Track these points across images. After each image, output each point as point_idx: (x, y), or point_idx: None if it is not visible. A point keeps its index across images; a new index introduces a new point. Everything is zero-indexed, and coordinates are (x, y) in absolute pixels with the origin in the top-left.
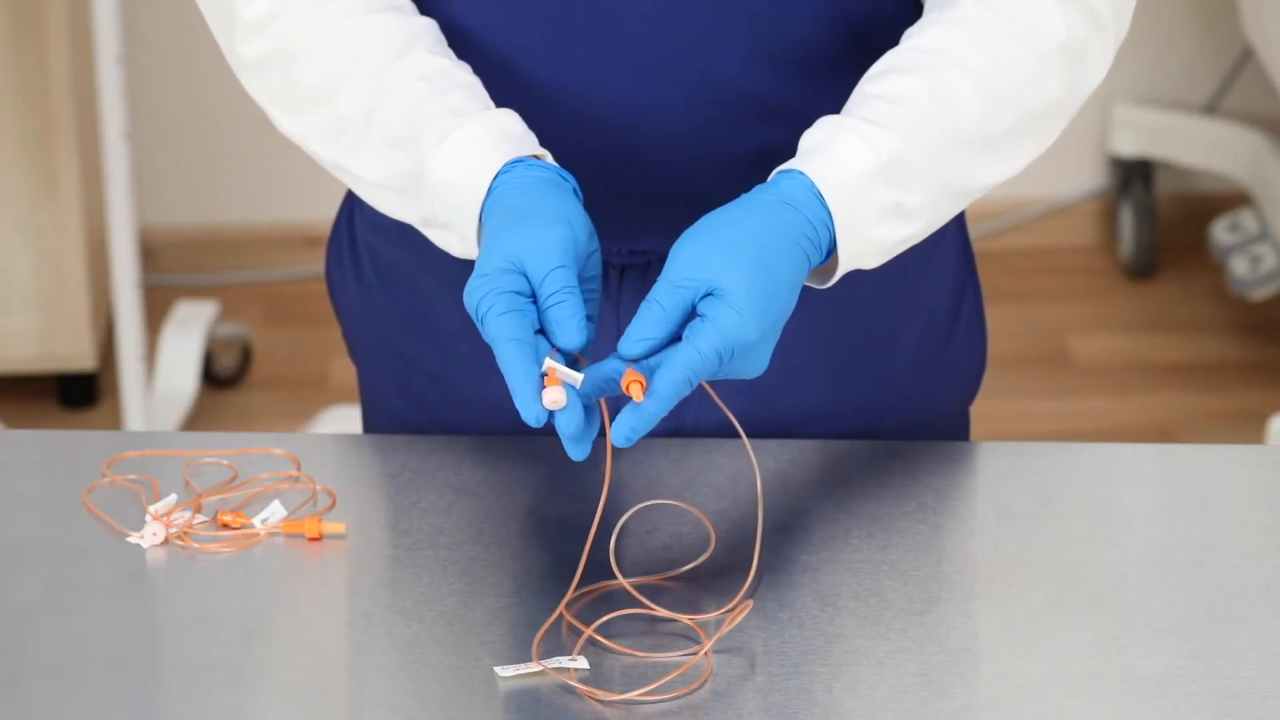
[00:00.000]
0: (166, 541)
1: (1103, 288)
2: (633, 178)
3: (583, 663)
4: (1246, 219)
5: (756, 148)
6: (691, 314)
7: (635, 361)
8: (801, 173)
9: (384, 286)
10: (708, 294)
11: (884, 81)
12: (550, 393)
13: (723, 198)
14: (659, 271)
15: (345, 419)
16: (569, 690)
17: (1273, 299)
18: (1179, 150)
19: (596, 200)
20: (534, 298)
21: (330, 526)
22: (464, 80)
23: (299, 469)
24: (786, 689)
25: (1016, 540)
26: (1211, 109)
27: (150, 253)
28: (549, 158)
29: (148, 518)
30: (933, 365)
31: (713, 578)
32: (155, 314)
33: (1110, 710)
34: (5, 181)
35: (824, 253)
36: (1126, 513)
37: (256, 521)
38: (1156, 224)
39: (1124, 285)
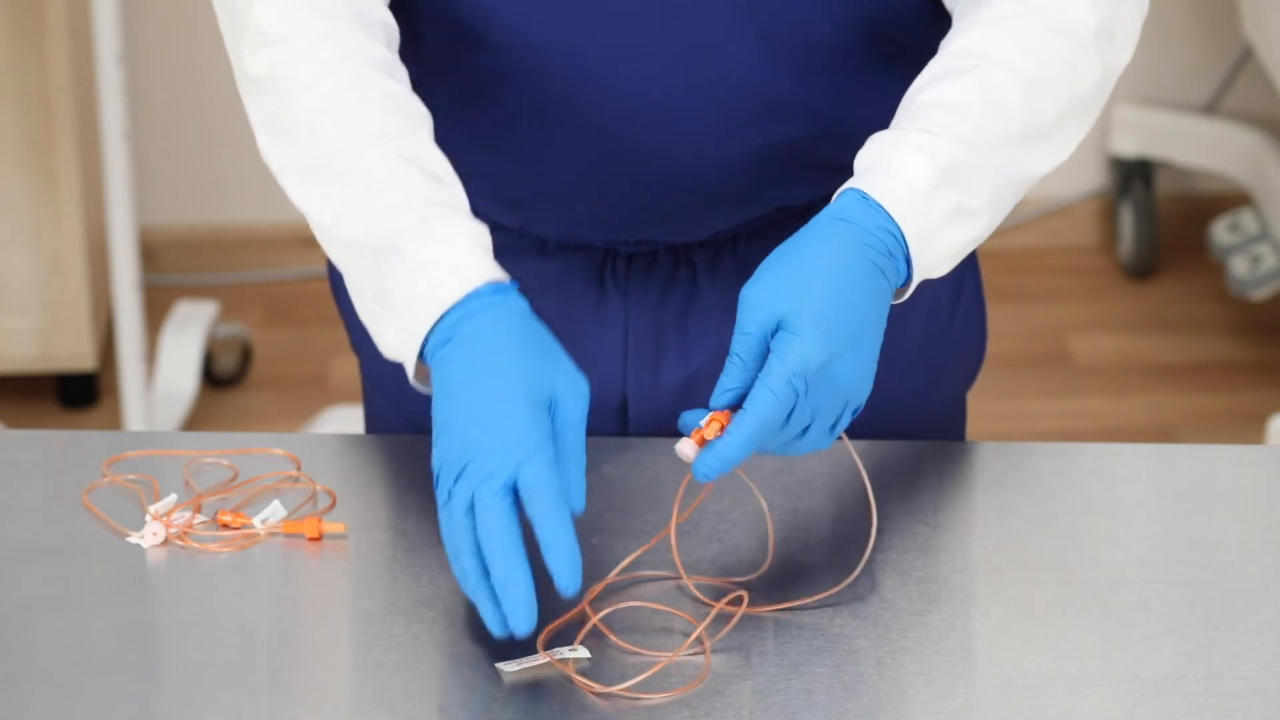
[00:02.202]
0: (166, 541)
1: (1103, 288)
2: (642, 171)
3: (583, 652)
4: (1246, 219)
5: (767, 143)
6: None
7: (730, 410)
8: (860, 190)
9: None
10: (776, 329)
11: (933, 90)
12: None
13: (731, 191)
14: (667, 260)
15: (345, 419)
16: (569, 683)
17: (1273, 299)
18: (1179, 150)
19: (606, 193)
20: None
21: (330, 526)
22: (455, 182)
23: (299, 469)
24: (787, 689)
25: (1016, 540)
26: (1211, 109)
27: (150, 253)
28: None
29: (148, 518)
30: (935, 351)
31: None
32: (155, 314)
33: (1110, 710)
34: (5, 181)
35: (899, 262)
36: (1126, 513)
37: (256, 521)
38: (1156, 224)
39: (1124, 285)
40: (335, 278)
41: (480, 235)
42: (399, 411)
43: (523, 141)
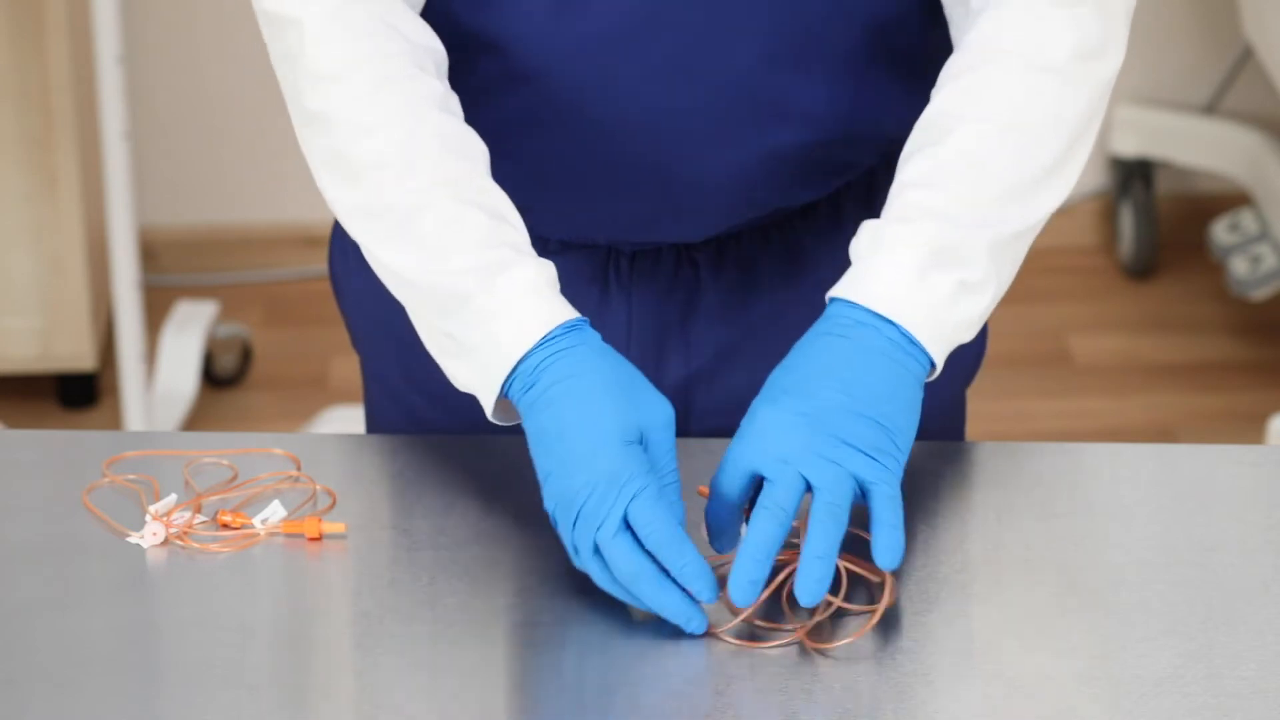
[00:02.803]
0: (166, 541)
1: (1103, 288)
2: (645, 174)
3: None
4: (1246, 219)
5: (769, 146)
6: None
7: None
8: (848, 301)
9: None
10: (808, 489)
11: (910, 167)
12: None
13: (734, 194)
14: (670, 259)
15: (345, 419)
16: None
17: (1273, 299)
18: (1179, 150)
19: (609, 195)
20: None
21: (330, 526)
22: (516, 218)
23: (299, 469)
24: (787, 689)
25: (1016, 540)
26: (1211, 109)
27: (150, 253)
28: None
29: (148, 518)
30: None
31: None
32: (155, 314)
33: (1110, 710)
34: (5, 181)
35: (920, 352)
36: (1126, 513)
37: (256, 521)
38: (1156, 224)
39: (1124, 285)
40: (336, 277)
41: (544, 274)
42: (401, 408)
43: (526, 144)
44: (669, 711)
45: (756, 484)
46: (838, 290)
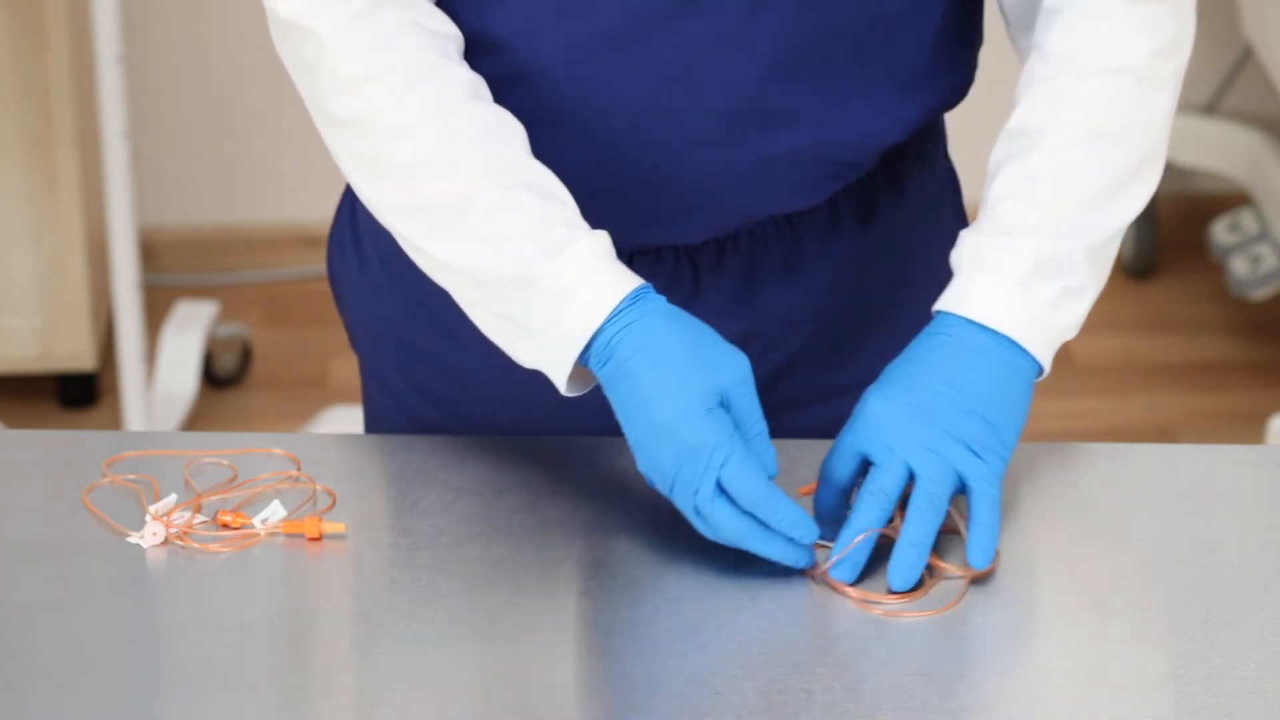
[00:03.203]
0: (166, 541)
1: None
2: (645, 177)
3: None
4: (1246, 219)
5: (769, 152)
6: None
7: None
8: (964, 319)
9: (387, 272)
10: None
11: (1002, 179)
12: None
13: (730, 199)
14: (671, 260)
15: (345, 419)
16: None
17: (1273, 299)
18: (1179, 150)
19: (605, 198)
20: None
21: (330, 526)
22: (564, 193)
23: (299, 469)
24: (786, 689)
25: (1017, 540)
26: (1211, 109)
27: (150, 253)
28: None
29: (148, 518)
30: None
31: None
32: (155, 314)
33: (1110, 710)
34: (5, 181)
35: (1027, 355)
36: (1126, 513)
37: (256, 521)
38: (1156, 224)
39: (1124, 285)
40: (335, 277)
41: (601, 246)
42: (400, 408)
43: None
44: (670, 711)
45: (863, 470)
46: (944, 304)
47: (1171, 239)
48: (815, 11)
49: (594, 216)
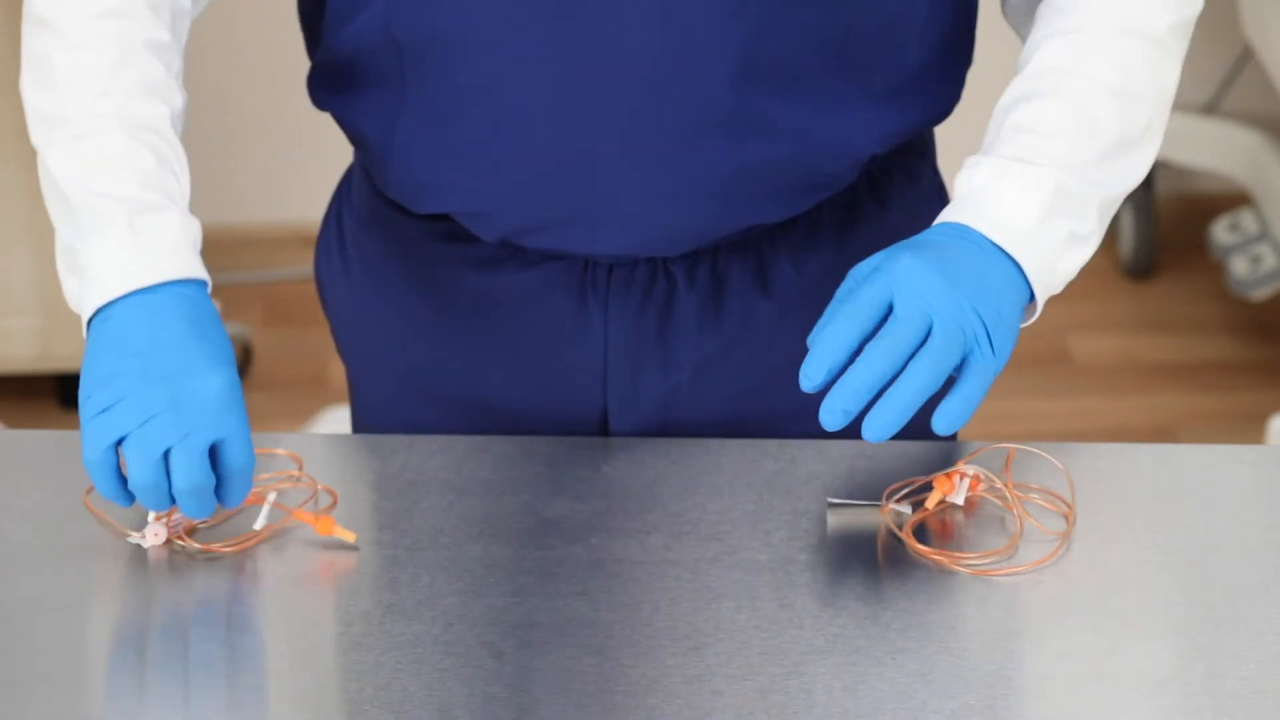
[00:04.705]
0: (168, 542)
1: (1103, 288)
2: (621, 190)
3: (906, 508)
4: (1246, 219)
5: (745, 162)
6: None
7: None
8: (976, 230)
9: (369, 280)
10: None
11: (1022, 112)
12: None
13: (705, 210)
14: (646, 272)
15: (345, 419)
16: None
17: (1273, 299)
18: (1179, 150)
19: (585, 210)
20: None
21: (342, 532)
22: (184, 174)
23: (301, 468)
24: (786, 689)
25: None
26: (1211, 109)
27: None
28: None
29: (150, 518)
30: None
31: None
32: None
33: (1110, 710)
34: (5, 181)
35: (1027, 288)
36: (1127, 513)
37: (259, 521)
38: (1156, 224)
39: (1124, 285)
40: (322, 283)
41: (189, 231)
42: (386, 412)
43: (499, 156)
44: (669, 711)
45: (875, 326)
46: (954, 215)
47: (1171, 239)
48: (782, 21)
49: (566, 226)
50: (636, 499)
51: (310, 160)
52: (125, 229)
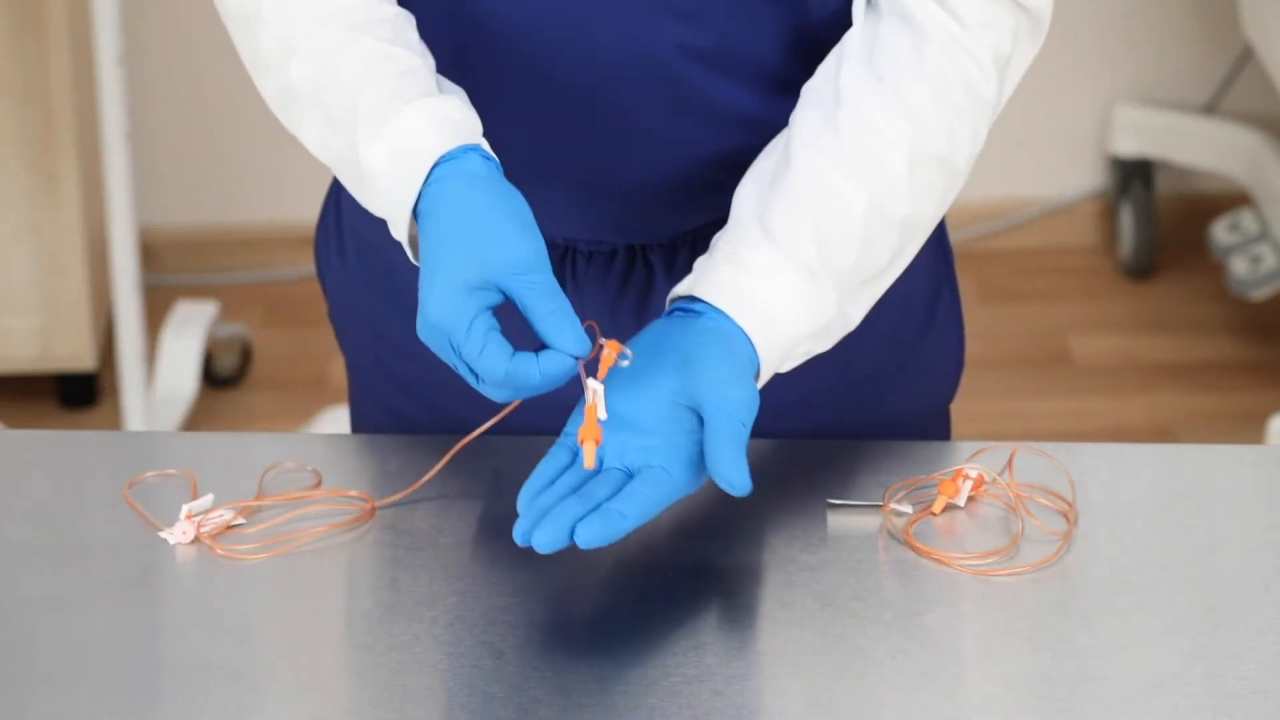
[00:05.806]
0: (195, 541)
1: (1103, 288)
2: (600, 174)
3: (907, 508)
4: (1246, 219)
5: (715, 150)
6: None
7: None
8: (735, 325)
9: (364, 267)
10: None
11: (800, 211)
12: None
13: (682, 198)
14: (624, 259)
15: (345, 419)
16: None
17: (1273, 299)
18: (1179, 150)
19: (562, 197)
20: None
21: (612, 346)
22: (407, 66)
23: (319, 485)
24: (786, 689)
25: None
26: (1211, 109)
27: (150, 253)
28: (484, 144)
29: (181, 514)
30: (906, 364)
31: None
32: (155, 314)
33: (1110, 710)
34: (5, 181)
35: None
36: (1127, 513)
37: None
38: (1156, 224)
39: (1124, 285)
40: (321, 270)
41: (430, 110)
42: (381, 404)
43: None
44: (669, 711)
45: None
46: (726, 303)
47: (1171, 239)
48: (729, 5)
49: (546, 210)
50: None
51: (310, 160)
52: (407, 116)
